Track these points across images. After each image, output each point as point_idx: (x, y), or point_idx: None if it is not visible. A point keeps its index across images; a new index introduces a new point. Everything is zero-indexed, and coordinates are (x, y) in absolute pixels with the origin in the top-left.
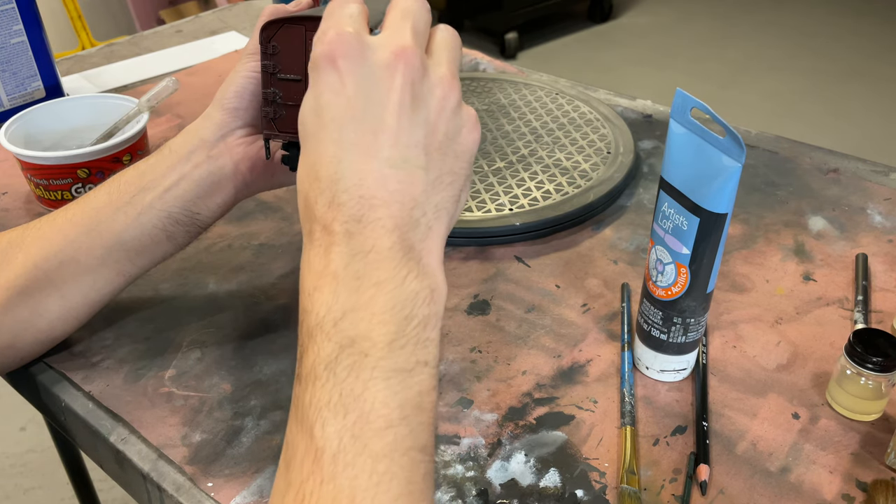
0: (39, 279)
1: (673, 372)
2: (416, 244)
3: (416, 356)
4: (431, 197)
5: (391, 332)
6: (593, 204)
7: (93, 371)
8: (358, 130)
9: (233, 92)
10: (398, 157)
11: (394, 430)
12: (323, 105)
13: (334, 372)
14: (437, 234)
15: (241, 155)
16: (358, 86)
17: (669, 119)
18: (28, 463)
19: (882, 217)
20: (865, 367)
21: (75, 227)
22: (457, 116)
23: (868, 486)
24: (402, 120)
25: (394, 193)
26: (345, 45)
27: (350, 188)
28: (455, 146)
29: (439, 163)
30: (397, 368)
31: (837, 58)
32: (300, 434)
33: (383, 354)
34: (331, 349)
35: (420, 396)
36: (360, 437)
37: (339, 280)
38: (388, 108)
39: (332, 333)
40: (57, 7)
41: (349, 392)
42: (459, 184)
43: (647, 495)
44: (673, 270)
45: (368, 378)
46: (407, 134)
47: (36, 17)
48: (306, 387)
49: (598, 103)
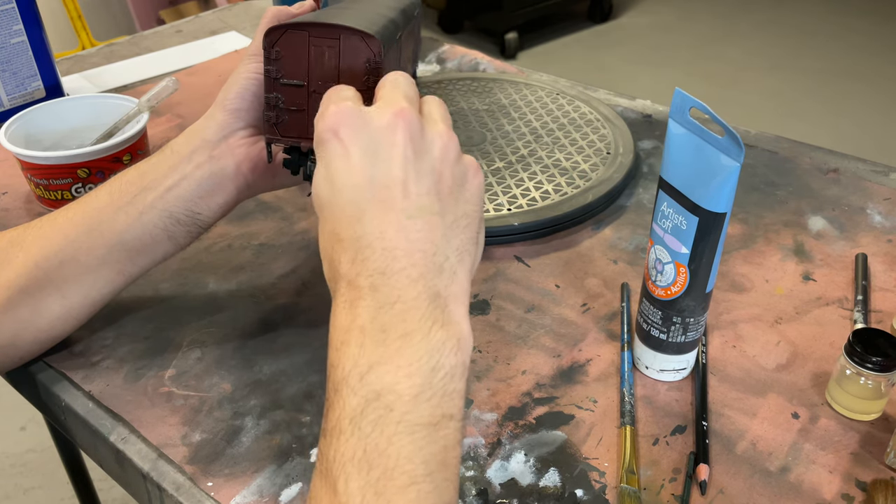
0: (40, 278)
1: (672, 371)
2: (441, 291)
3: (442, 409)
4: (451, 241)
5: (417, 384)
6: (592, 204)
7: (93, 371)
8: (371, 189)
9: (235, 93)
10: (413, 206)
11: (417, 487)
12: (333, 173)
13: (359, 426)
14: (462, 278)
15: (243, 156)
16: (363, 149)
17: (668, 119)
18: (28, 463)
19: (882, 217)
20: (865, 367)
21: (76, 227)
22: (459, 164)
23: (867, 486)
24: (408, 171)
25: (415, 242)
26: (345, 116)
27: (373, 242)
28: (464, 191)
29: (453, 207)
30: (423, 423)
31: (837, 57)
32: (324, 489)
33: (409, 408)
34: (356, 403)
35: (445, 451)
36: (383, 493)
37: (366, 333)
38: (395, 162)
39: (358, 387)
40: (57, 7)
41: (374, 447)
42: (475, 226)
43: (647, 495)
44: (672, 270)
45: (393, 433)
46: (416, 184)
47: (36, 17)
48: (331, 441)
49: (598, 103)
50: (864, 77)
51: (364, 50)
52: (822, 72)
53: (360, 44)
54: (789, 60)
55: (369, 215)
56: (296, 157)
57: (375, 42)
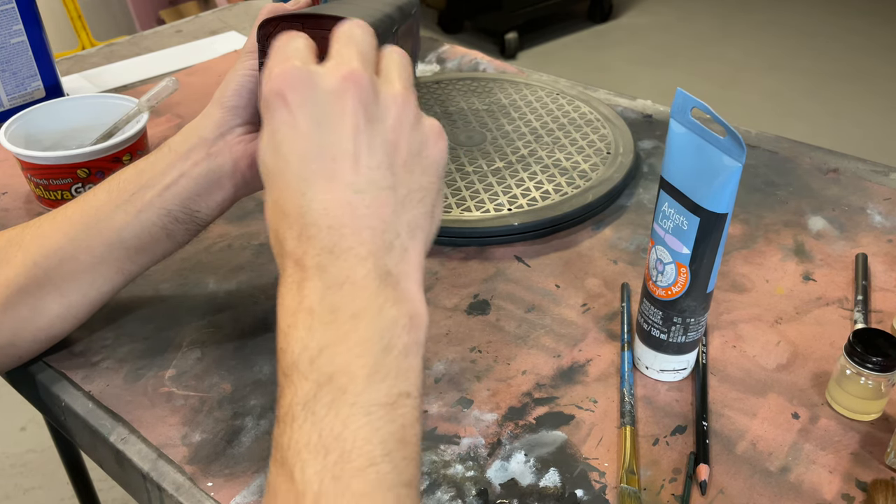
0: (39, 277)
1: (673, 372)
2: (392, 269)
3: (398, 388)
4: (402, 216)
5: (370, 364)
6: (592, 204)
7: (93, 371)
8: (318, 160)
9: (232, 90)
10: (362, 181)
11: (376, 468)
12: (279, 141)
13: (313, 411)
14: (414, 254)
15: (241, 153)
16: (310, 116)
17: (670, 119)
18: (28, 463)
19: (882, 217)
20: (865, 367)
21: (75, 225)
22: (417, 130)
23: (868, 486)
24: (359, 143)
25: (362, 219)
26: (291, 79)
27: (318, 220)
28: (421, 160)
29: (407, 180)
30: (378, 403)
31: (837, 57)
32: (280, 477)
33: (362, 389)
34: (308, 387)
35: (403, 430)
36: (340, 477)
37: (315, 315)
38: (344, 134)
39: (309, 371)
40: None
41: (329, 431)
42: (431, 198)
43: (647, 495)
44: (673, 270)
45: (348, 415)
46: (367, 156)
47: (36, 17)
48: (284, 428)
49: (598, 103)
50: (864, 77)
51: None
52: (822, 72)
53: None
54: (789, 61)
55: (314, 189)
56: None
57: None
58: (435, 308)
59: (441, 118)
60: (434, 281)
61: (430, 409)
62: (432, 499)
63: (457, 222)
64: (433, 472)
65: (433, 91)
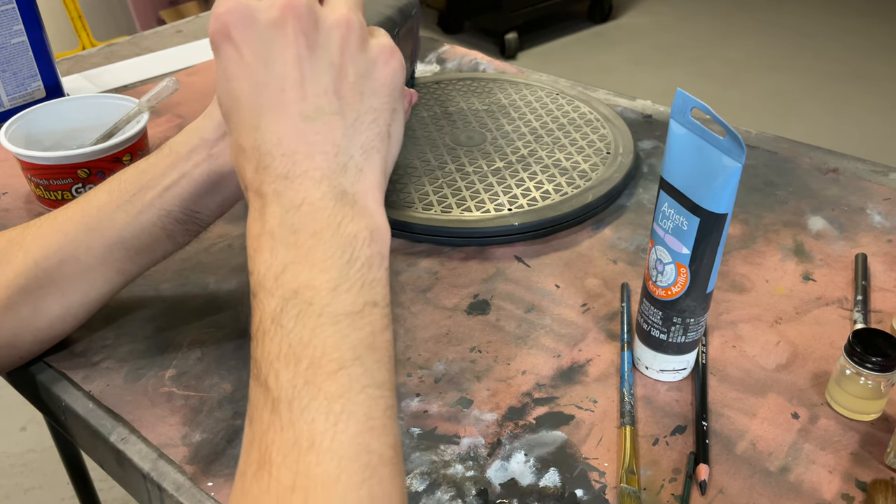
0: (39, 277)
1: (672, 372)
2: (347, 188)
3: (364, 297)
4: (354, 139)
5: (334, 277)
6: (592, 204)
7: (93, 371)
8: (266, 93)
9: None
10: (310, 108)
11: (347, 371)
12: (230, 80)
13: (281, 324)
14: (371, 173)
15: None
16: (254, 50)
17: (670, 119)
18: (28, 463)
19: (881, 217)
20: (865, 367)
21: (75, 226)
22: (364, 53)
23: (867, 486)
24: (304, 71)
25: (314, 145)
26: (233, 16)
27: (272, 149)
28: (371, 83)
29: (356, 104)
30: (345, 312)
31: (837, 58)
32: (257, 388)
33: (329, 300)
34: (275, 303)
35: (372, 336)
36: (312, 381)
37: (276, 237)
38: (288, 62)
39: (274, 288)
40: (57, 7)
41: (298, 341)
42: (385, 119)
43: (647, 495)
44: (673, 270)
45: (315, 325)
46: (313, 83)
47: (36, 17)
48: (257, 343)
49: (598, 103)
50: (864, 77)
51: None
52: (821, 72)
53: None
54: (789, 61)
55: (266, 121)
56: None
57: None
58: (435, 308)
59: (441, 118)
60: (434, 281)
61: (430, 409)
62: (432, 499)
63: (457, 222)
64: (433, 471)
65: (433, 91)
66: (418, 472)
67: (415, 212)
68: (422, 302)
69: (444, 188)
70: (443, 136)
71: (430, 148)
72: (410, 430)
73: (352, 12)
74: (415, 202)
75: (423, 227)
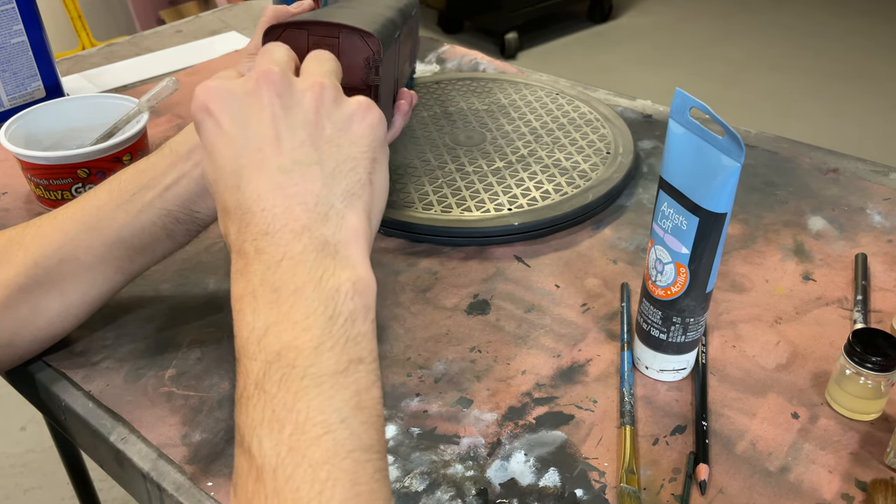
0: (39, 276)
1: (672, 371)
2: (329, 238)
3: (348, 355)
4: (334, 188)
5: (316, 336)
6: (592, 204)
7: (93, 370)
8: (245, 154)
9: None
10: (288, 161)
11: (332, 436)
12: (212, 149)
13: (264, 389)
14: (355, 218)
15: None
16: (232, 118)
17: (669, 119)
18: (28, 463)
19: (881, 217)
20: (865, 367)
21: (75, 225)
22: (340, 108)
23: (867, 486)
24: (280, 128)
25: (293, 196)
26: (211, 92)
27: (252, 206)
28: (348, 135)
29: (334, 153)
30: (328, 372)
31: (837, 57)
32: (241, 455)
33: (312, 360)
34: (258, 368)
35: (358, 395)
36: (296, 448)
37: (258, 297)
38: (264, 122)
39: (257, 352)
40: (57, 7)
41: (281, 406)
42: (364, 167)
43: (647, 495)
44: (672, 270)
45: (298, 388)
46: (289, 138)
47: (36, 17)
48: (240, 409)
49: (598, 103)
50: (864, 77)
51: (363, 48)
52: (821, 72)
53: (359, 42)
54: (789, 60)
55: (246, 180)
56: None
57: (374, 40)
58: (435, 308)
59: (441, 118)
60: (434, 281)
61: (430, 409)
62: (432, 499)
63: (457, 222)
64: (433, 471)
65: (433, 91)
66: (418, 472)
67: (415, 212)
68: (422, 302)
69: (444, 188)
70: (443, 136)
71: (430, 148)
72: (410, 430)
73: (325, 77)
74: (415, 202)
75: (423, 227)
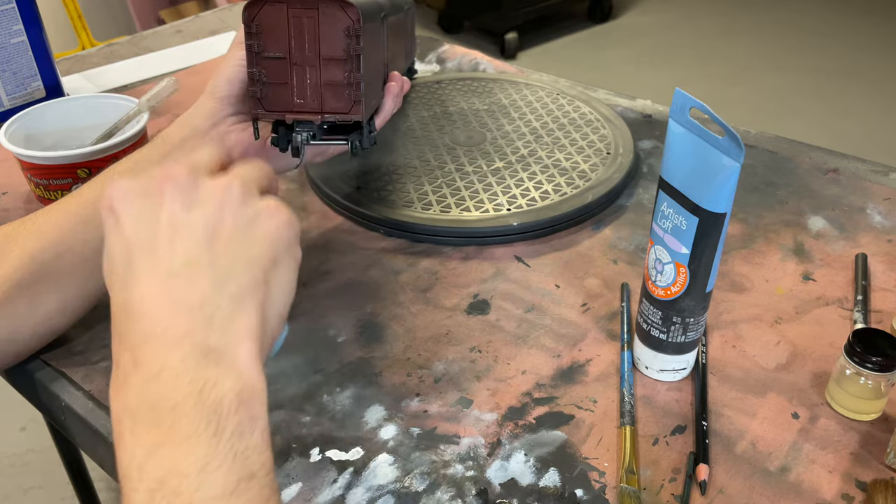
0: (36, 272)
1: (672, 371)
2: (213, 343)
3: (237, 472)
4: (224, 289)
5: (201, 457)
6: (591, 205)
7: (93, 370)
8: (137, 254)
9: (223, 80)
10: (178, 263)
11: None
12: (110, 247)
13: None
14: (243, 320)
15: (234, 141)
16: (133, 217)
17: (668, 119)
18: (28, 463)
19: (882, 217)
20: (865, 367)
21: (71, 218)
22: (246, 207)
23: (867, 486)
24: (176, 228)
25: (178, 300)
26: (117, 191)
27: (135, 308)
28: (251, 233)
29: (230, 252)
30: (215, 495)
31: (837, 57)
32: None
33: (197, 485)
34: (141, 498)
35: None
36: None
37: (136, 417)
38: (161, 223)
39: (139, 481)
40: (57, 7)
41: None
42: (262, 266)
43: (647, 495)
44: (672, 270)
45: None
46: (184, 238)
47: (36, 17)
48: None
49: (599, 104)
50: (864, 77)
51: (343, 18)
52: (821, 71)
53: (338, 12)
54: (789, 60)
55: (133, 280)
56: (282, 132)
57: (353, 9)
58: (435, 308)
59: (441, 118)
60: (434, 281)
61: (430, 409)
62: (432, 498)
63: (456, 222)
64: (433, 471)
65: (433, 91)
66: (418, 472)
67: (414, 212)
68: (422, 302)
69: (444, 188)
70: (443, 136)
71: (429, 148)
72: (410, 430)
73: (235, 177)
74: (414, 202)
75: (423, 227)
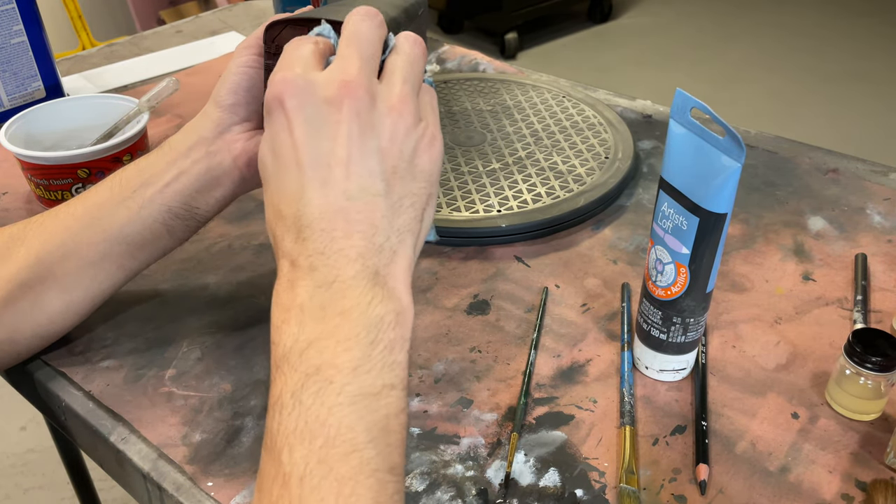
0: (41, 272)
1: (672, 372)
2: (380, 269)
3: (383, 380)
4: (393, 222)
5: (356, 357)
6: (582, 209)
7: (93, 370)
8: (313, 166)
9: (227, 89)
10: (355, 187)
11: (359, 454)
12: (278, 147)
13: (300, 400)
14: (403, 256)
15: (239, 150)
16: (306, 123)
17: (669, 119)
18: (28, 463)
19: (881, 217)
20: (865, 367)
21: (78, 221)
22: (410, 138)
23: (867, 486)
24: (352, 151)
25: (354, 224)
26: (290, 86)
27: (312, 223)
28: (413, 168)
29: (398, 187)
30: (363, 393)
31: (837, 58)
32: (270, 461)
33: (349, 380)
34: (297, 378)
35: (387, 419)
36: (325, 461)
37: (305, 311)
38: (338, 141)
39: (298, 363)
40: (57, 7)
41: (314, 418)
42: (421, 204)
43: (647, 495)
44: (672, 270)
45: (333, 404)
46: (359, 164)
47: (36, 17)
48: (274, 415)
49: (603, 107)
50: (864, 77)
51: None
52: (821, 72)
53: None
54: (789, 61)
55: (309, 195)
56: None
57: None
58: (435, 308)
59: (444, 118)
60: (434, 281)
61: (430, 409)
62: (432, 498)
63: (445, 222)
64: (433, 471)
65: (439, 90)
66: (418, 472)
67: None
68: (422, 302)
69: (439, 191)
70: (443, 136)
71: None
72: (410, 430)
73: (405, 96)
74: None
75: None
